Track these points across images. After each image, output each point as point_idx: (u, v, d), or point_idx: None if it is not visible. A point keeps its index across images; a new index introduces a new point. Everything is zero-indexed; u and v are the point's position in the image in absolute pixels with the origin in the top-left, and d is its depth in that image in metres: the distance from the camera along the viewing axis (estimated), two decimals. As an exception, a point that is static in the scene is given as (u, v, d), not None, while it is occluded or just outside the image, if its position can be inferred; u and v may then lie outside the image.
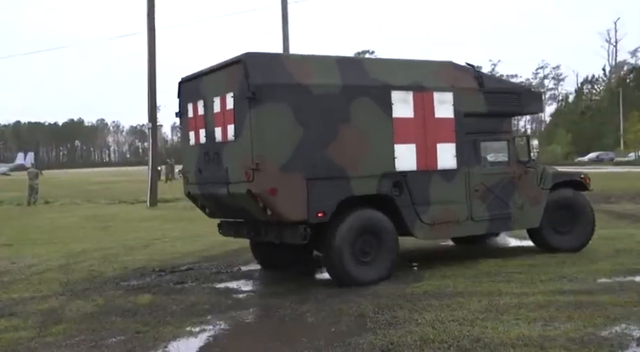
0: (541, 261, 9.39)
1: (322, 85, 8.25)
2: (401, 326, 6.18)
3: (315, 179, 8.05)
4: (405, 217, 8.78)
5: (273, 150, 7.87)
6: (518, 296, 7.15)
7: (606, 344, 5.40)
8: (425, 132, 9.02)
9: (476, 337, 5.69)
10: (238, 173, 8.09)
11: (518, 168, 9.94)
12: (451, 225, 9.26)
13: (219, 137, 8.50)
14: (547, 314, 6.39)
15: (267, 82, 7.88)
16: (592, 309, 6.49)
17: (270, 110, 7.85)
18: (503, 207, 9.69)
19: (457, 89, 9.36)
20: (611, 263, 9.08)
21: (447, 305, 6.89)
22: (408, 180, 8.80)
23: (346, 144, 8.32)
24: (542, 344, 5.44)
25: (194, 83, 9.24)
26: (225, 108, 8.32)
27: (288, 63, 8.33)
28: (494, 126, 9.92)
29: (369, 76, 8.74)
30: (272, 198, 7.83)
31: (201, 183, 9.05)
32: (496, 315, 6.40)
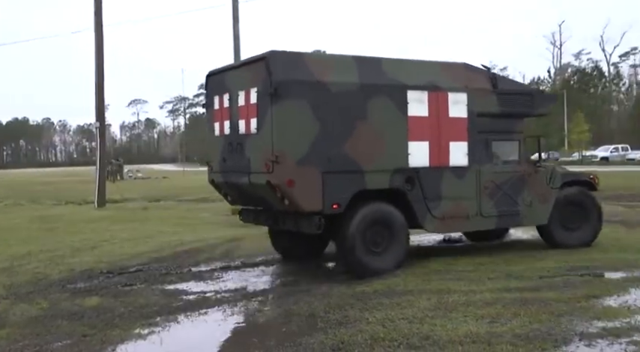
0: (489, 259, 9.57)
1: (340, 82, 8.64)
2: (352, 325, 6.21)
3: (331, 172, 8.45)
4: (416, 211, 9.19)
5: (292, 144, 8.30)
6: (467, 294, 7.27)
7: (550, 340, 5.54)
8: (438, 131, 9.42)
9: (425, 334, 5.77)
10: (259, 164, 8.54)
11: (529, 167, 10.36)
12: (460, 220, 9.65)
13: (243, 129, 8.95)
14: (494, 311, 6.51)
15: (288, 78, 8.28)
16: (537, 306, 6.64)
17: (290, 106, 8.28)
18: (512, 204, 10.06)
19: (471, 90, 9.72)
20: (555, 260, 9.30)
21: (397, 303, 6.96)
22: (420, 175, 9.22)
23: (362, 140, 8.73)
24: (489, 340, 5.54)
25: (220, 77, 9.73)
26: (249, 102, 8.77)
27: (309, 61, 8.70)
28: (507, 127, 10.25)
29: (386, 76, 9.09)
30: (289, 189, 8.25)
31: (225, 171, 9.55)
32: (445, 313, 6.49)
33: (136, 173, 54.44)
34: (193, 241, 12.50)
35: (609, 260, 9.20)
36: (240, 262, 10.14)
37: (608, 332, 5.73)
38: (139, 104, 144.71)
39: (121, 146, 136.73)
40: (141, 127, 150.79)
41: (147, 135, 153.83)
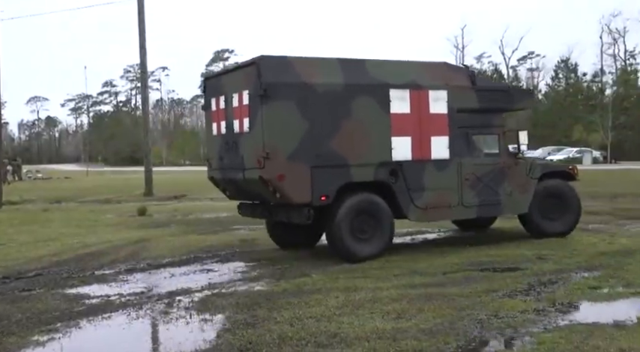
0: (396, 256, 9.76)
1: (326, 83, 9.31)
2: (260, 325, 6.19)
3: (319, 167, 9.13)
4: (400, 202, 9.80)
5: (281, 141, 8.98)
6: (373, 291, 7.39)
7: (453, 333, 5.71)
8: (420, 126, 10.01)
9: (333, 332, 5.82)
10: (252, 160, 9.22)
11: (509, 159, 10.89)
12: (442, 210, 10.26)
13: (237, 128, 9.64)
14: (400, 307, 6.65)
15: (277, 81, 8.96)
16: (441, 301, 6.84)
17: (278, 106, 8.96)
18: (493, 194, 10.62)
19: (451, 87, 10.31)
20: (458, 256, 9.60)
21: (306, 302, 6.99)
22: (403, 168, 9.81)
23: (347, 136, 9.38)
24: (394, 336, 5.65)
25: (216, 80, 10.54)
26: (242, 103, 9.45)
27: (296, 64, 9.37)
28: (486, 121, 10.79)
29: (369, 76, 9.75)
30: (280, 183, 8.95)
31: (222, 168, 10.25)
32: (352, 310, 6.58)
33: (35, 173, 52.23)
34: (97, 243, 12.12)
35: (508, 255, 9.58)
36: (147, 264, 9.92)
37: (507, 324, 5.96)
38: (38, 101, 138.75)
39: (19, 145, 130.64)
40: (41, 126, 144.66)
41: (48, 134, 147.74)
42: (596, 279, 7.74)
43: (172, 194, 25.18)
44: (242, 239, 12.28)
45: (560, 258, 9.23)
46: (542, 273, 8.20)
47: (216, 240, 12.27)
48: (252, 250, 10.87)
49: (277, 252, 10.53)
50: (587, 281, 7.67)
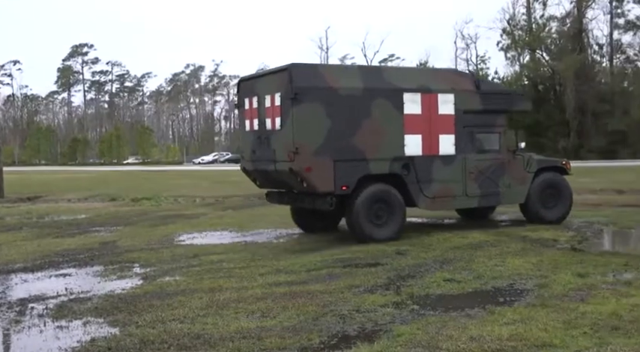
0: (260, 255, 9.79)
1: (348, 87, 10.61)
2: (120, 329, 5.99)
3: (341, 160, 10.40)
4: (411, 192, 11.08)
5: (309, 138, 10.26)
6: (238, 291, 7.37)
7: (316, 330, 5.81)
8: (430, 126, 11.28)
9: (196, 334, 5.74)
10: (283, 154, 10.48)
11: (508, 154, 12.18)
12: (448, 199, 11.61)
13: (269, 126, 10.87)
14: (264, 305, 6.67)
15: (306, 85, 10.25)
16: (305, 298, 6.93)
17: (307, 107, 10.26)
18: (493, 186, 11.96)
19: (457, 91, 11.59)
20: (321, 254, 9.78)
21: (169, 304, 6.85)
22: (414, 162, 11.10)
23: (366, 134, 10.64)
24: (259, 335, 5.66)
25: (250, 83, 11.76)
26: (274, 104, 10.70)
27: (322, 70, 11.04)
28: (488, 121, 12.03)
29: (385, 81, 11.10)
30: (307, 174, 10.22)
31: (254, 160, 11.51)
32: (217, 311, 6.52)
33: None
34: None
35: (369, 251, 9.87)
36: (-4, 270, 9.28)
37: (368, 318, 6.14)
38: None
39: None
40: None
41: None
42: (450, 272, 8.15)
43: (25, 195, 23.76)
44: (102, 241, 11.82)
45: (417, 252, 9.63)
46: (401, 268, 8.53)
47: (73, 243, 11.72)
48: (113, 253, 10.49)
49: (139, 254, 10.22)
50: (442, 274, 8.05)
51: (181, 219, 15.29)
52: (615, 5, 64.20)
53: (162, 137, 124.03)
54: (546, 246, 10.04)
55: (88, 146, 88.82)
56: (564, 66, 54.16)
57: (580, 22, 63.93)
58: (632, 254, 9.04)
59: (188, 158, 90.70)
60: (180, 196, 22.00)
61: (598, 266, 8.24)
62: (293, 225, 13.04)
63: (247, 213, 16.55)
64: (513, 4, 70.77)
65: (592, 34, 67.22)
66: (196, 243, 11.51)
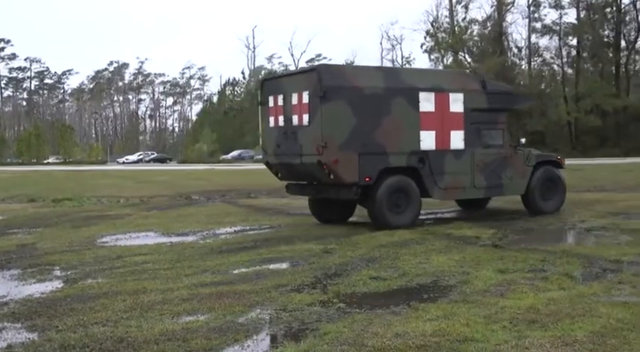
0: (185, 256, 9.65)
1: (370, 87, 11.59)
2: (39, 334, 5.79)
3: (364, 154, 11.40)
4: (426, 183, 12.09)
5: (336, 133, 11.26)
6: (163, 292, 7.24)
7: (243, 330, 5.77)
8: (442, 122, 12.29)
9: (119, 337, 5.61)
10: (311, 148, 11.42)
11: (510, 149, 13.30)
12: (458, 190, 12.71)
13: (296, 122, 11.82)
14: (190, 307, 6.59)
15: (333, 85, 11.21)
16: (231, 298, 6.88)
17: (334, 105, 11.22)
18: (497, 178, 13.02)
19: (466, 91, 12.66)
20: (249, 254, 9.73)
21: (91, 307, 6.66)
22: (429, 156, 12.12)
23: (386, 129, 11.66)
24: (184, 336, 5.58)
25: (275, 82, 13.03)
26: (302, 101, 11.63)
27: (347, 71, 12.47)
28: (493, 119, 13.11)
29: (403, 81, 12.18)
30: (335, 166, 11.22)
31: (279, 154, 12.46)
32: (141, 313, 6.39)
33: None
34: None
35: (297, 251, 9.89)
36: None
37: (294, 317, 6.15)
38: None
39: None
40: None
41: None
42: (376, 270, 8.25)
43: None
44: (20, 244, 11.39)
45: (344, 251, 9.71)
46: (328, 267, 8.58)
47: (-11, 245, 11.24)
48: (32, 255, 10.12)
49: (60, 256, 9.90)
50: (369, 272, 8.15)
51: (105, 219, 14.91)
52: (533, 10, 66.56)
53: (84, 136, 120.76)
54: (469, 243, 10.31)
55: (5, 145, 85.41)
56: (485, 68, 55.76)
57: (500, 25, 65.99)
58: (549, 250, 9.38)
59: (112, 157, 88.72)
60: (104, 196, 21.48)
61: (517, 262, 8.52)
62: (220, 225, 12.96)
63: (173, 213, 16.29)
64: (437, 6, 72.39)
65: (511, 37, 69.57)
66: (120, 244, 11.25)
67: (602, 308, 6.10)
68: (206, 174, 38.57)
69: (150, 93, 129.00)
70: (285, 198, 20.45)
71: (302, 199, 19.58)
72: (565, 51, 66.04)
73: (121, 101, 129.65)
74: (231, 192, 23.04)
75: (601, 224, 12.09)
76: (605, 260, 8.57)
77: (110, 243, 11.31)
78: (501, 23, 66.31)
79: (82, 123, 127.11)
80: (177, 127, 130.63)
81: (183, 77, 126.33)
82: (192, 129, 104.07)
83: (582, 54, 64.30)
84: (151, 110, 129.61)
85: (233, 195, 22.16)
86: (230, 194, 22.44)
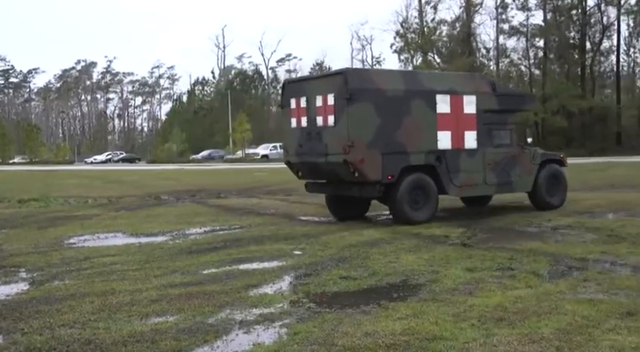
0: (155, 256, 9.58)
1: (393, 89, 12.19)
2: (4, 337, 5.70)
3: (387, 153, 12.01)
4: (443, 180, 12.71)
5: (362, 133, 11.82)
6: (132, 294, 7.17)
7: (212, 331, 5.75)
8: (457, 123, 12.95)
9: (87, 339, 5.54)
10: (336, 148, 11.98)
11: (517, 149, 14.03)
12: (472, 187, 13.33)
13: (320, 123, 12.38)
14: (159, 308, 6.54)
15: (359, 87, 11.80)
16: (201, 299, 6.84)
17: (360, 107, 11.80)
18: (507, 176, 13.70)
19: (478, 93, 13.34)
20: (219, 254, 9.68)
21: (58, 309, 6.57)
22: (445, 155, 12.76)
23: (407, 130, 12.25)
24: (153, 338, 5.54)
25: (298, 85, 13.58)
26: (327, 103, 12.20)
27: (372, 74, 13.09)
28: (503, 119, 13.82)
29: (421, 84, 12.75)
30: (360, 165, 11.80)
31: (301, 154, 13.01)
32: (109, 315, 6.32)
33: None
34: None
35: (267, 251, 9.88)
36: None
37: (265, 317, 6.15)
38: None
39: None
40: None
41: None
42: (346, 270, 8.27)
43: None
44: (-16, 245, 11.17)
45: (314, 251, 9.72)
46: (298, 266, 8.58)
47: (-48, 247, 11.01)
48: (-3, 257, 9.94)
49: (26, 257, 9.74)
50: (338, 271, 8.17)
51: (72, 220, 14.71)
52: (500, 11, 67.32)
53: (51, 136, 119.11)
54: (438, 242, 10.39)
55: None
56: (454, 68, 56.20)
57: (469, 26, 66.63)
58: (516, 249, 9.50)
59: (80, 157, 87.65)
60: (71, 197, 21.19)
61: (485, 260, 8.61)
62: (189, 225, 12.88)
63: (142, 213, 16.14)
64: (406, 7, 72.90)
65: (480, 38, 70.37)
66: (88, 245, 11.11)
67: (568, 306, 6.20)
68: (175, 174, 38.28)
69: (118, 93, 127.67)
70: (254, 198, 20.42)
71: (272, 199, 19.63)
72: (532, 52, 66.95)
73: (88, 100, 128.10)
74: (201, 192, 22.91)
75: (567, 223, 12.29)
76: (571, 258, 8.71)
77: (78, 244, 11.17)
78: (470, 24, 66.98)
79: (49, 122, 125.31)
80: (146, 127, 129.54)
81: (153, 76, 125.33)
82: (161, 129, 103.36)
83: (549, 55, 65.22)
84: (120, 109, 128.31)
85: (203, 195, 22.03)
86: (200, 194, 22.31)
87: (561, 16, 64.40)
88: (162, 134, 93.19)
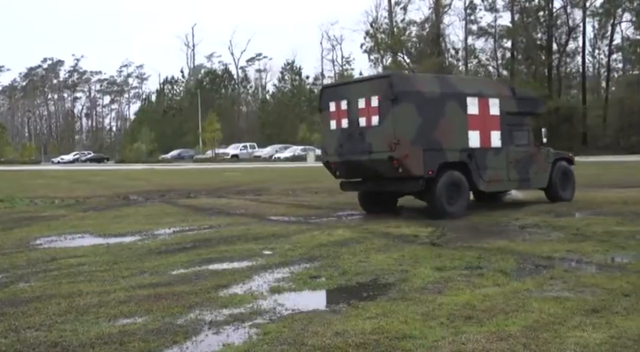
0: (124, 257, 9.48)
1: (430, 92, 13.21)
2: (-33, 341, 5.59)
3: (427, 150, 12.93)
4: (474, 176, 13.74)
5: (406, 132, 12.80)
6: (99, 295, 7.08)
7: (181, 331, 5.70)
8: (484, 124, 14.04)
9: (53, 341, 5.46)
10: (381, 146, 12.90)
11: (534, 148, 15.33)
12: (498, 183, 14.50)
13: (363, 123, 13.27)
14: (127, 309, 6.47)
15: (403, 90, 12.84)
16: (170, 300, 6.78)
17: (404, 107, 12.80)
18: (526, 173, 14.96)
19: (501, 96, 14.54)
20: (188, 254, 9.62)
21: (23, 312, 6.45)
22: (475, 153, 13.81)
23: (443, 129, 13.23)
24: (121, 339, 5.48)
25: (336, 89, 14.72)
26: (370, 105, 13.11)
27: (413, 78, 14.85)
28: (521, 121, 15.03)
29: (454, 87, 13.91)
30: (405, 161, 12.72)
31: (341, 153, 13.84)
32: (76, 316, 6.23)
33: None
34: None
35: (237, 251, 9.83)
36: None
37: (234, 317, 6.12)
38: None
39: None
40: None
41: None
42: (317, 269, 8.28)
43: None
44: (-53, 247, 10.94)
45: (284, 251, 9.71)
46: (268, 266, 8.56)
47: None
48: (-40, 258, 9.74)
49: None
50: (309, 271, 8.17)
51: (38, 221, 14.50)
52: (469, 12, 68.03)
53: (17, 135, 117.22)
54: (408, 241, 10.45)
55: None
56: (423, 68, 56.66)
57: (438, 27, 67.16)
58: (485, 247, 9.60)
59: (46, 157, 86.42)
60: (38, 197, 20.88)
61: (454, 259, 8.69)
62: (159, 226, 12.77)
63: (111, 214, 15.97)
64: (376, 7, 73.25)
65: (449, 39, 71.02)
66: (54, 246, 10.95)
67: (535, 304, 6.28)
68: (145, 174, 37.94)
69: (86, 92, 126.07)
70: (224, 198, 20.34)
71: (242, 199, 19.56)
72: (500, 53, 67.84)
73: (55, 99, 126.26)
74: (171, 192, 22.75)
75: (534, 222, 12.45)
76: (538, 256, 8.83)
77: (44, 245, 11.01)
78: (439, 25, 67.54)
79: (15, 122, 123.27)
80: (114, 126, 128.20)
81: (121, 75, 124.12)
82: (130, 129, 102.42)
83: (516, 56, 66.10)
84: (88, 109, 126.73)
85: (172, 195, 21.88)
86: (169, 194, 22.15)
87: (528, 17, 65.29)
88: (130, 134, 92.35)
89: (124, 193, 22.56)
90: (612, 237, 10.36)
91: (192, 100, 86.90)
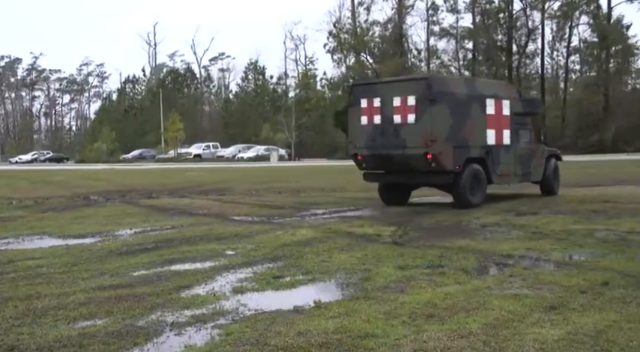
0: (84, 258, 9.33)
1: (460, 93, 14.68)
2: None
3: (457, 147, 14.39)
4: (490, 171, 15.23)
5: (441, 130, 14.15)
6: (58, 297, 6.96)
7: (143, 333, 5.63)
8: (499, 123, 15.53)
9: (10, 345, 5.35)
10: (417, 142, 14.17)
11: (535, 145, 17.30)
12: (508, 176, 16.07)
13: (398, 120, 14.48)
14: (87, 311, 6.36)
15: (439, 91, 14.17)
16: (131, 301, 6.70)
17: (440, 107, 14.13)
18: (528, 167, 16.64)
19: (510, 98, 16.20)
20: (150, 255, 9.51)
21: (-21, 315, 6.31)
22: (492, 149, 15.33)
23: (469, 127, 14.74)
24: (81, 342, 5.39)
25: (369, 87, 15.66)
26: (406, 104, 14.28)
27: (447, 80, 17.29)
28: (525, 121, 16.64)
29: (477, 89, 15.42)
30: (440, 156, 14.04)
31: (372, 147, 15.09)
32: (33, 319, 6.11)
33: None
34: None
35: (200, 251, 9.75)
36: None
37: (196, 318, 6.07)
38: None
39: None
40: None
41: None
42: (280, 269, 8.26)
43: None
44: None
45: (247, 251, 9.67)
46: (231, 266, 8.51)
47: None
48: None
49: (-55, 262, 9.32)
50: (272, 271, 8.15)
51: (-5, 222, 14.18)
52: (431, 13, 68.69)
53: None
54: (370, 241, 10.50)
55: None
56: (386, 68, 57.09)
57: (400, 27, 67.67)
58: (446, 246, 9.70)
59: (4, 157, 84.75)
60: (-6, 198, 20.42)
61: (416, 258, 8.76)
62: (119, 226, 12.60)
63: (70, 214, 15.71)
64: (339, 7, 73.48)
65: (411, 39, 71.64)
66: (11, 248, 10.72)
67: (495, 301, 6.36)
68: (105, 174, 37.43)
69: (45, 90, 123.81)
70: (186, 198, 20.18)
71: (205, 199, 19.44)
72: (461, 54, 68.68)
73: (13, 98, 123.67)
74: (132, 193, 22.48)
75: (495, 220, 12.63)
76: (498, 254, 8.95)
77: (1, 247, 10.77)
78: (401, 26, 68.04)
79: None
80: (74, 126, 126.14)
81: (81, 74, 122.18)
82: (90, 128, 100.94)
83: (477, 57, 66.97)
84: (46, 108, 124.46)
85: (133, 195, 21.62)
86: (130, 194, 21.88)
87: (489, 19, 66.22)
88: (91, 133, 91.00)
89: (84, 193, 22.22)
90: (570, 235, 10.57)
91: (154, 100, 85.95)
